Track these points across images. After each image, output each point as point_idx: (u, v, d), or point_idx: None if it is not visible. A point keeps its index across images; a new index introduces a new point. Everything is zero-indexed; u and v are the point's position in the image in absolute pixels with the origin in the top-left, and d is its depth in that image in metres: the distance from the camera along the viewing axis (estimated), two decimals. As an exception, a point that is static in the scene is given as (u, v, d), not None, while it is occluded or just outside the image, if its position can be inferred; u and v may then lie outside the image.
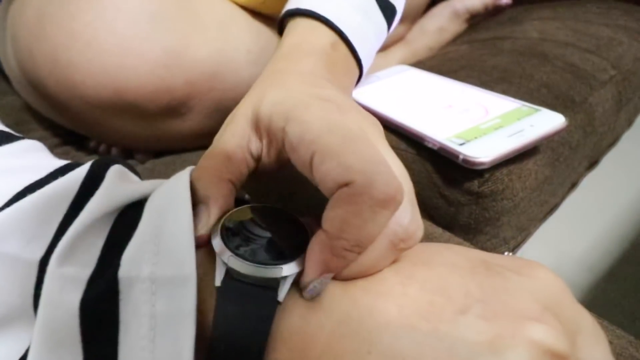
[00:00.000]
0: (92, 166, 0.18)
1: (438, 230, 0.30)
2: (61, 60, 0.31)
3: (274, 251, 0.16)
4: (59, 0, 0.31)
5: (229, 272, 0.16)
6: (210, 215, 0.18)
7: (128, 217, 0.17)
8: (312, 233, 0.17)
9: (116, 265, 0.15)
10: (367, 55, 0.30)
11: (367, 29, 0.30)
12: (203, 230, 0.18)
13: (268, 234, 0.17)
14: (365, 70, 0.30)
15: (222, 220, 0.17)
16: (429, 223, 0.31)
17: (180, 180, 0.17)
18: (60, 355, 0.14)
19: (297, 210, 0.19)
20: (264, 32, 0.39)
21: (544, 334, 0.14)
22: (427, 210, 0.37)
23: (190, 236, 0.15)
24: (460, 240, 0.30)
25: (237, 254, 0.16)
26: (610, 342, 0.22)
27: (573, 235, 0.89)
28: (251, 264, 0.15)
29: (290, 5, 0.29)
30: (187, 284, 0.15)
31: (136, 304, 0.15)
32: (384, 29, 0.32)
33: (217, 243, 0.16)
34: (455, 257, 0.16)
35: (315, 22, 0.27)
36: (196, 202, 0.18)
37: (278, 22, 0.30)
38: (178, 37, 0.32)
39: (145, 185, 0.18)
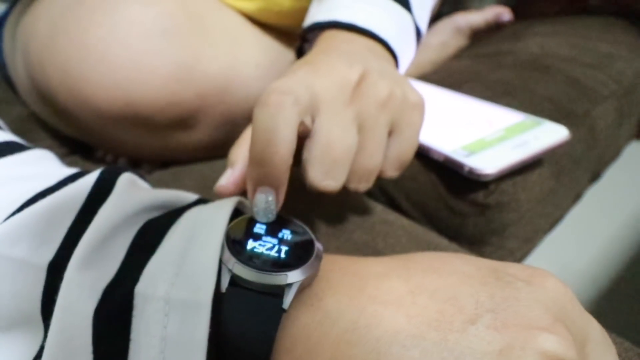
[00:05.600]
0: (101, 173, 0.18)
1: (444, 241, 0.30)
2: (73, 73, 0.31)
3: (279, 258, 0.16)
4: (72, 14, 0.32)
5: (234, 279, 0.16)
6: (234, 172, 0.23)
7: (153, 229, 0.17)
8: (317, 241, 0.17)
9: (135, 278, 0.15)
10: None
11: (408, 53, 0.31)
12: (223, 181, 0.23)
13: (274, 241, 0.17)
14: None
15: (228, 228, 0.17)
16: (434, 234, 0.31)
17: (223, 208, 0.18)
18: None
19: (302, 218, 0.20)
20: (273, 47, 0.40)
21: (555, 344, 0.13)
22: (433, 221, 0.37)
23: (214, 264, 0.15)
24: (466, 251, 0.30)
25: (241, 261, 0.16)
26: (619, 355, 0.22)
27: (577, 247, 0.88)
28: (256, 270, 0.15)
29: (322, 16, 0.29)
30: (200, 311, 0.14)
31: (148, 323, 0.15)
32: (412, 55, 0.33)
33: (222, 249, 0.16)
34: (466, 266, 0.16)
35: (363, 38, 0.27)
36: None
37: (302, 33, 0.30)
38: (190, 51, 0.33)
39: (160, 193, 0.19)
